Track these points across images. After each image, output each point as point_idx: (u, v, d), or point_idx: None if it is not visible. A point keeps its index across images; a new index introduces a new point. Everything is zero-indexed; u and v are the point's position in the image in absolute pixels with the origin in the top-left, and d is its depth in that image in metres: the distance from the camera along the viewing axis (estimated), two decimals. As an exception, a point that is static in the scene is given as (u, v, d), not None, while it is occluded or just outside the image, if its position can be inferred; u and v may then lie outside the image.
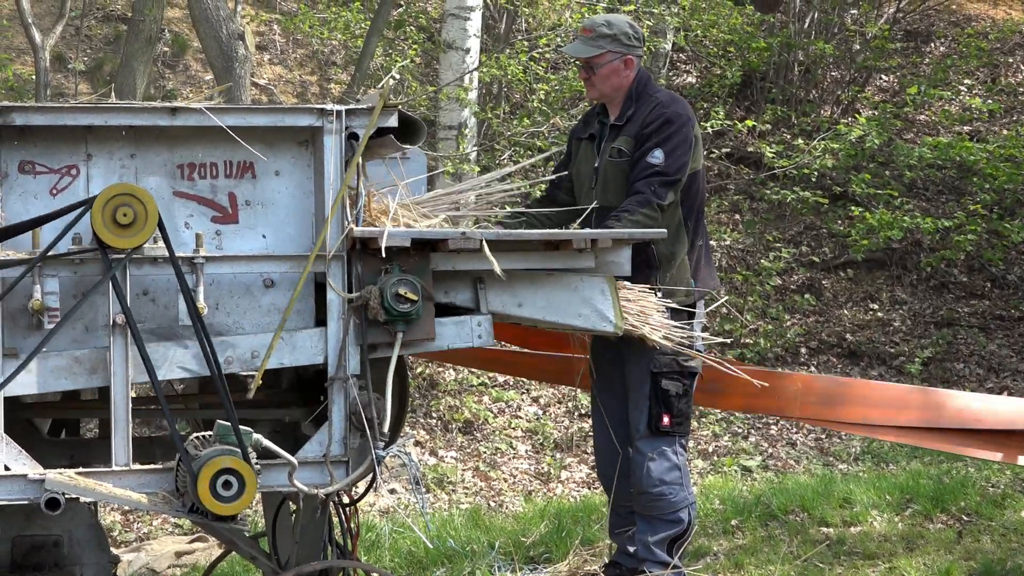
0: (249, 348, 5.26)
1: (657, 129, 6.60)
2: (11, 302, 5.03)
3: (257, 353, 5.25)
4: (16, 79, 14.69)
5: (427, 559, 8.31)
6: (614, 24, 6.78)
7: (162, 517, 10.14)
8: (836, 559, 8.06)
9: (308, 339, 5.31)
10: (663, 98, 6.75)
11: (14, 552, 5.77)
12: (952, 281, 14.99)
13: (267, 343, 5.23)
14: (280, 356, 5.27)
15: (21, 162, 5.20)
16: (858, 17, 17.65)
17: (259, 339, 5.27)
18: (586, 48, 6.75)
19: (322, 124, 5.29)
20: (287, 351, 5.29)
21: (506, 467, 11.47)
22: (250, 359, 5.26)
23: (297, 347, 5.30)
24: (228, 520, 4.99)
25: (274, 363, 5.25)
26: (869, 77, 17.60)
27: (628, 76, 6.74)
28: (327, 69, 16.66)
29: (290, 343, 5.28)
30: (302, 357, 5.31)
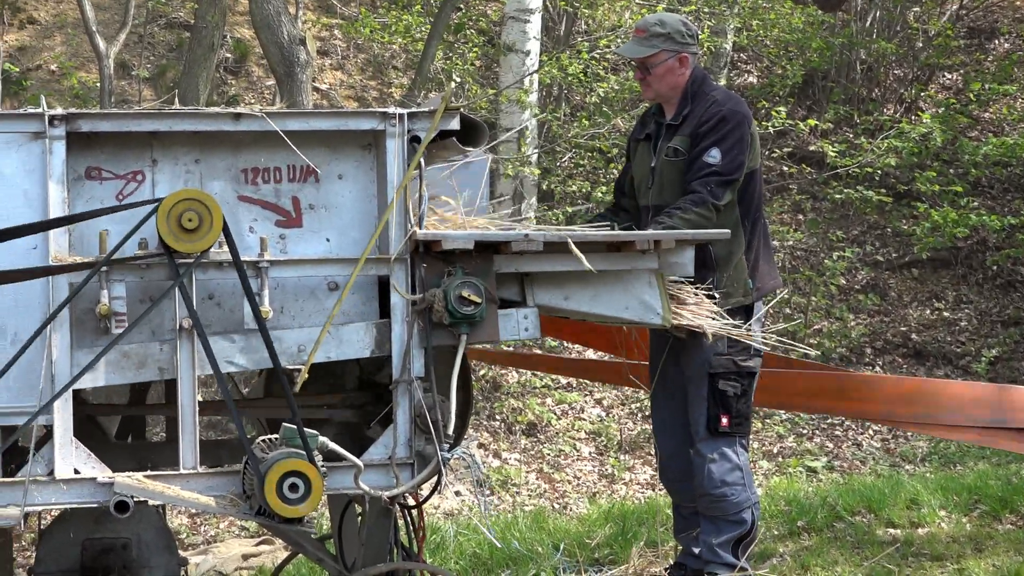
0: (296, 342, 5.27)
1: (713, 128, 6.56)
2: (78, 306, 5.08)
3: (304, 347, 5.27)
4: (81, 86, 14.83)
5: (492, 561, 8.31)
6: (667, 23, 6.75)
7: (228, 520, 10.21)
8: (904, 560, 8.00)
9: (355, 332, 5.33)
10: (719, 96, 6.71)
11: (84, 555, 5.83)
12: (1019, 279, 14.85)
13: (313, 337, 5.25)
14: (327, 350, 5.29)
15: (88, 168, 5.25)
16: (921, 14, 17.52)
17: (305, 333, 5.29)
18: (640, 48, 6.72)
19: (385, 128, 5.31)
20: (334, 345, 5.30)
21: (570, 469, 11.46)
22: (296, 353, 5.28)
23: (344, 340, 5.31)
24: (295, 523, 5.01)
25: (321, 357, 5.26)
26: (932, 75, 17.48)
27: (684, 74, 6.71)
28: (387, 73, 16.71)
29: (337, 336, 5.29)
30: (349, 351, 5.33)
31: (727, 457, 6.54)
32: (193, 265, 5.02)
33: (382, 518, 5.67)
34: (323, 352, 5.27)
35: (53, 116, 5.08)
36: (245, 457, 5.10)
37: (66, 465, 5.10)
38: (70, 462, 5.10)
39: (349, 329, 5.31)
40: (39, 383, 5.05)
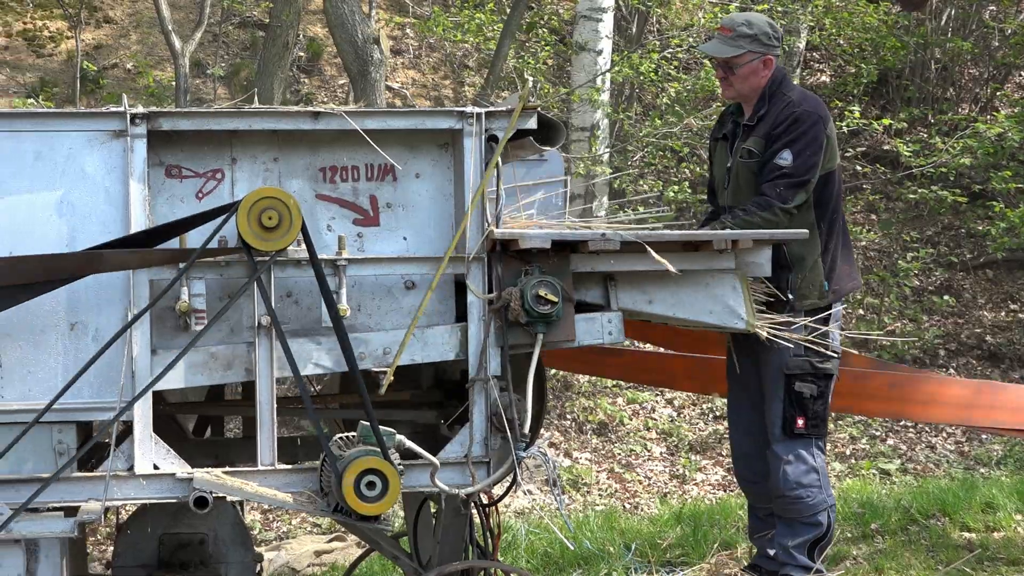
0: (381, 344, 5.30)
1: (786, 129, 6.51)
2: (158, 303, 5.12)
3: (389, 349, 5.29)
4: (156, 85, 14.96)
5: (563, 560, 8.31)
6: (754, 23, 6.70)
7: (301, 516, 10.26)
8: (979, 565, 7.92)
9: (440, 335, 5.35)
10: (795, 97, 6.65)
11: (161, 550, 5.89)
12: (1095, 280, 14.70)
13: (399, 340, 5.27)
14: (412, 352, 5.31)
15: (168, 166, 5.30)
16: (996, 13, 17.34)
17: (390, 336, 5.31)
18: (725, 48, 6.67)
19: (462, 127, 5.32)
20: (419, 347, 5.32)
21: (641, 469, 11.44)
22: (382, 355, 5.30)
23: (429, 343, 5.33)
24: (372, 520, 5.04)
25: (406, 359, 5.29)
26: (1008, 74, 17.29)
27: (766, 76, 6.66)
28: (460, 72, 16.75)
29: (421, 339, 5.31)
30: (433, 353, 5.35)
31: (803, 459, 6.50)
32: (271, 262, 5.05)
33: (457, 516, 5.68)
34: (408, 355, 5.29)
35: (135, 115, 5.14)
36: (322, 454, 5.12)
37: (146, 461, 5.15)
38: (149, 458, 5.15)
39: (434, 332, 5.33)
40: (119, 379, 5.10)
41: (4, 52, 15.58)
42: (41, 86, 15.00)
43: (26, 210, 5.11)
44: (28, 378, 5.12)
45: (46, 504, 5.07)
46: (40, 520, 4.99)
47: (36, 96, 14.37)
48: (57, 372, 5.11)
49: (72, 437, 5.16)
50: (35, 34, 15.86)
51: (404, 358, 5.27)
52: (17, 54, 15.58)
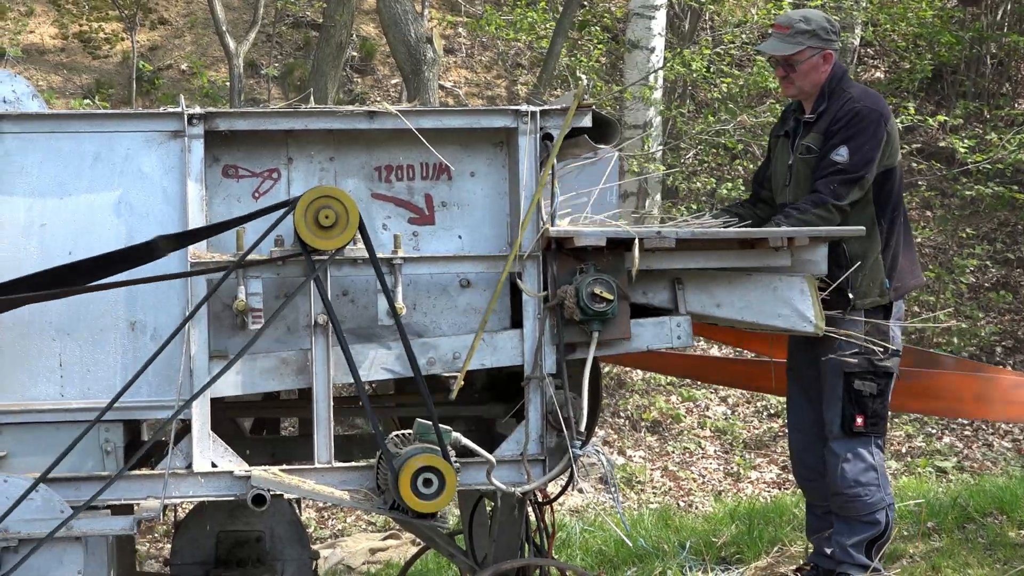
0: (451, 349, 5.32)
1: (845, 125, 6.46)
2: (215, 303, 5.17)
3: (458, 354, 5.31)
4: (211, 85, 15.05)
5: (618, 558, 8.30)
6: (811, 19, 6.66)
7: (356, 514, 10.30)
8: (1038, 563, 7.87)
9: (508, 340, 5.35)
10: (855, 93, 6.61)
11: (218, 547, 5.93)
12: None
13: (467, 344, 5.28)
14: (481, 357, 5.32)
15: (225, 166, 5.34)
16: (1054, 7, 17.20)
17: (460, 340, 5.32)
18: (784, 45, 6.63)
19: (517, 125, 5.33)
20: (488, 352, 5.33)
21: (695, 467, 11.42)
22: (451, 360, 5.32)
23: (498, 348, 5.34)
24: (428, 518, 5.05)
25: (475, 364, 5.30)
26: (1066, 69, 17.16)
27: (826, 71, 6.61)
28: (512, 71, 16.76)
29: (491, 344, 5.32)
30: (503, 358, 5.36)
31: (861, 457, 6.46)
32: (328, 261, 5.07)
33: (513, 514, 5.69)
34: (477, 359, 5.31)
35: (192, 115, 5.17)
36: (379, 452, 5.14)
37: (204, 459, 5.18)
38: (208, 456, 5.19)
39: (503, 336, 5.35)
40: (177, 378, 5.14)
41: (61, 54, 15.72)
42: (97, 87, 15.13)
43: (85, 211, 5.16)
44: (87, 377, 5.16)
45: (104, 502, 5.12)
46: (100, 518, 5.03)
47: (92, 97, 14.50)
48: (116, 371, 5.15)
49: (119, 436, 5.21)
50: (91, 36, 15.99)
51: (474, 363, 5.29)
52: (73, 56, 15.71)
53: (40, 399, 5.15)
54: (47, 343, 5.15)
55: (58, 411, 5.14)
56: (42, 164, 5.16)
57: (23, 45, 15.46)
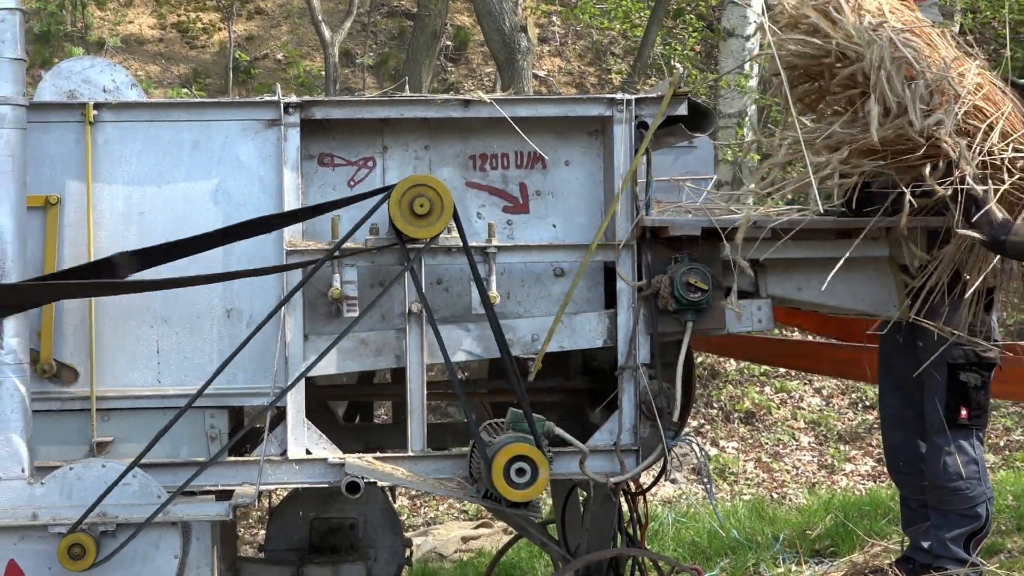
0: (529, 331, 5.30)
1: None
2: (310, 291, 5.19)
3: (537, 336, 5.29)
4: (306, 74, 15.15)
5: (710, 549, 8.27)
6: None
7: (448, 502, 10.33)
8: None
9: (587, 322, 5.33)
10: None
11: (312, 534, 5.97)
12: None
13: (547, 326, 5.27)
14: (560, 339, 5.30)
15: (320, 154, 5.36)
16: None
17: (539, 322, 5.31)
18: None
19: (612, 114, 5.31)
20: (567, 334, 5.32)
21: (789, 458, 11.34)
22: (530, 342, 5.31)
23: (576, 330, 5.32)
24: (521, 507, 5.05)
25: (554, 346, 5.29)
26: None
27: None
28: (605, 59, 16.71)
29: (569, 326, 5.30)
30: (581, 340, 5.34)
31: (964, 450, 6.34)
32: (423, 250, 5.08)
33: (606, 504, 5.67)
34: (556, 342, 5.30)
35: (288, 104, 5.21)
36: (472, 441, 5.14)
37: (298, 446, 5.21)
38: (302, 443, 5.22)
39: (582, 319, 5.33)
40: (273, 365, 5.18)
41: (159, 44, 15.89)
42: (194, 77, 15.28)
43: (183, 199, 5.21)
44: (184, 363, 5.22)
45: (201, 488, 5.16)
46: (196, 503, 5.08)
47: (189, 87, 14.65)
48: (212, 358, 5.20)
49: (224, 422, 5.26)
50: (188, 26, 16.15)
51: (552, 345, 5.27)
52: (171, 46, 15.88)
53: (139, 385, 5.20)
54: (145, 330, 5.21)
55: (156, 397, 5.20)
56: (141, 153, 5.22)
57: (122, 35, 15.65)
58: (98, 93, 5.34)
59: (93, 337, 5.19)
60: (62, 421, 5.21)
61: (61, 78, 5.40)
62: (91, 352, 5.19)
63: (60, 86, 5.38)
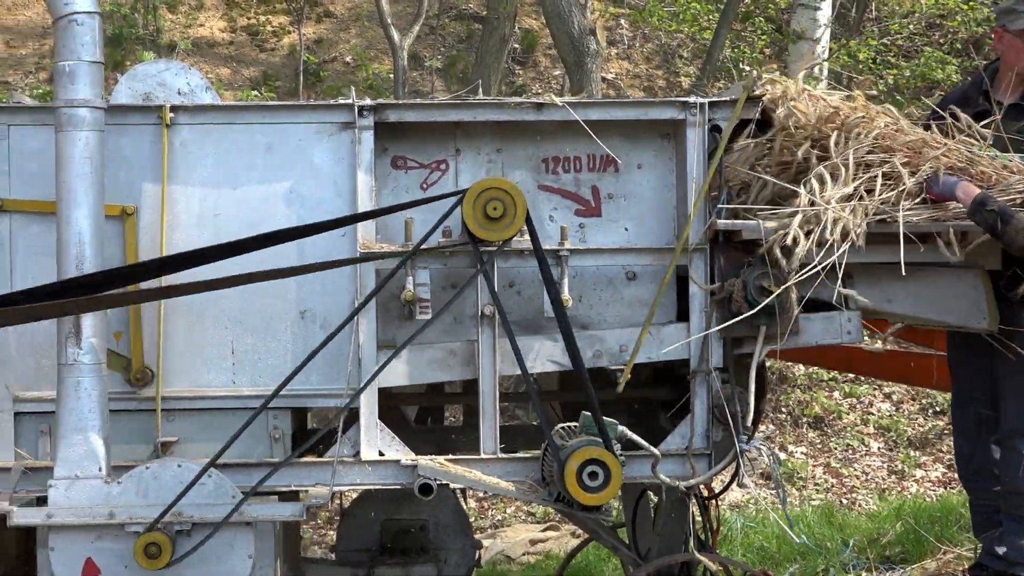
0: (617, 342, 5.30)
1: None
2: (383, 294, 5.21)
3: (625, 347, 5.29)
4: (375, 77, 15.20)
5: (780, 555, 8.23)
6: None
7: (516, 504, 10.34)
8: None
9: (676, 334, 5.32)
10: None
11: (383, 535, 5.99)
12: None
13: (634, 337, 5.26)
14: (648, 351, 5.30)
15: (393, 157, 5.39)
16: None
17: (626, 333, 5.30)
18: None
19: (685, 117, 5.30)
20: (655, 346, 5.31)
21: (858, 464, 11.26)
22: (618, 353, 5.31)
23: (665, 342, 5.31)
24: (593, 510, 5.04)
25: (642, 358, 5.28)
26: None
27: None
28: (673, 62, 16.66)
29: (657, 337, 5.30)
30: (670, 352, 5.33)
31: (1041, 454, 6.26)
32: (496, 253, 5.09)
33: (678, 508, 5.66)
34: (644, 353, 5.30)
35: (362, 106, 5.23)
36: (544, 444, 5.14)
37: (371, 447, 5.24)
38: (375, 445, 5.24)
39: (669, 330, 5.32)
40: (345, 367, 5.20)
41: (229, 47, 16.00)
42: (264, 80, 15.37)
43: (258, 201, 5.25)
44: (258, 364, 5.25)
45: (273, 488, 5.19)
46: (270, 504, 5.11)
47: (259, 89, 14.74)
48: (286, 359, 5.23)
49: (288, 423, 5.29)
50: (258, 29, 16.25)
51: (640, 357, 5.27)
52: (241, 49, 15.98)
53: (212, 386, 5.25)
54: (220, 331, 5.25)
55: (229, 398, 5.24)
56: (216, 155, 5.26)
57: (193, 38, 15.77)
58: (173, 96, 5.40)
59: (161, 338, 5.23)
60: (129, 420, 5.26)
61: (137, 81, 5.46)
62: (159, 353, 5.24)
63: (136, 89, 5.44)
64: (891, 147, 5.26)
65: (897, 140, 5.30)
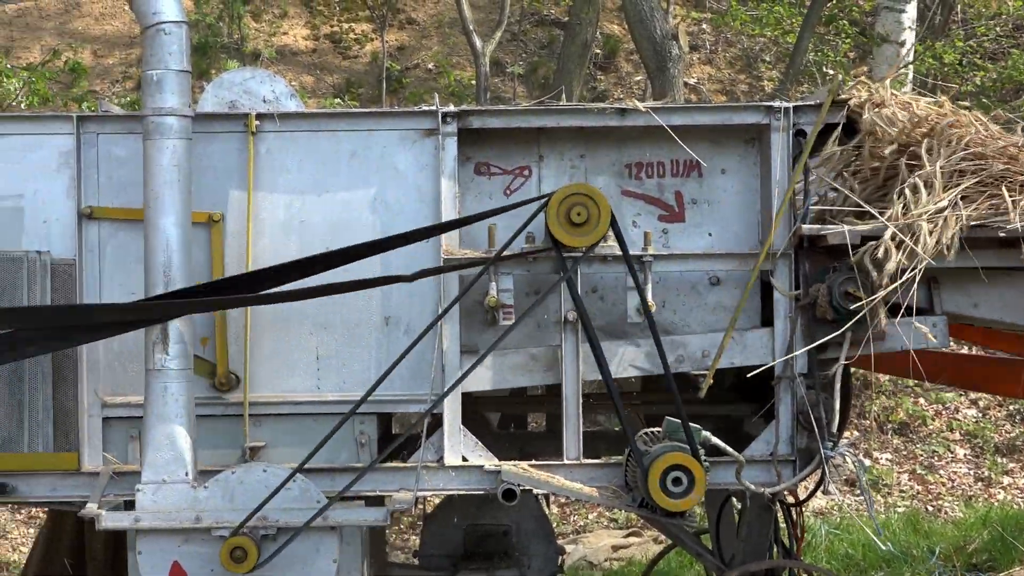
0: (699, 347, 5.28)
1: None
2: (466, 299, 5.22)
3: (707, 352, 5.27)
4: (457, 84, 15.25)
5: (865, 562, 8.18)
6: None
7: (598, 510, 10.33)
8: None
9: (758, 339, 5.30)
10: None
11: (466, 540, 6.00)
12: None
13: (716, 342, 5.24)
14: (731, 356, 5.28)
15: (477, 164, 5.40)
16: None
17: (708, 338, 5.29)
18: None
19: (769, 121, 5.27)
20: (737, 351, 5.28)
21: (944, 471, 11.15)
22: (700, 358, 5.29)
23: (747, 347, 5.29)
24: (677, 516, 5.02)
25: (725, 363, 5.26)
26: None
27: None
28: (756, 66, 16.59)
29: (740, 343, 5.28)
30: (752, 357, 5.30)
31: None
32: (581, 259, 5.09)
33: (762, 514, 5.63)
34: (727, 358, 5.27)
35: (446, 113, 5.25)
36: (627, 449, 5.14)
37: (455, 453, 5.25)
38: (459, 450, 5.25)
39: (753, 335, 5.30)
40: (429, 372, 5.22)
41: (312, 55, 16.11)
42: (347, 87, 15.47)
43: (342, 207, 5.28)
44: (343, 370, 5.28)
45: (357, 493, 5.22)
46: (354, 508, 5.14)
47: (342, 96, 14.84)
48: (370, 365, 5.26)
49: (374, 428, 5.32)
50: (341, 36, 16.36)
51: (723, 361, 5.25)
52: (324, 56, 16.09)
53: (298, 391, 5.28)
54: (305, 337, 5.29)
55: (315, 403, 5.27)
56: (301, 162, 5.30)
57: (277, 46, 15.90)
58: (258, 104, 5.45)
59: (248, 344, 5.28)
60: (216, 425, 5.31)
61: (223, 89, 5.52)
62: (245, 359, 5.29)
63: (221, 97, 5.49)
64: (984, 154, 5.20)
65: (989, 146, 5.23)
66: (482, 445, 5.29)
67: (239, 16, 15.64)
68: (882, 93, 5.32)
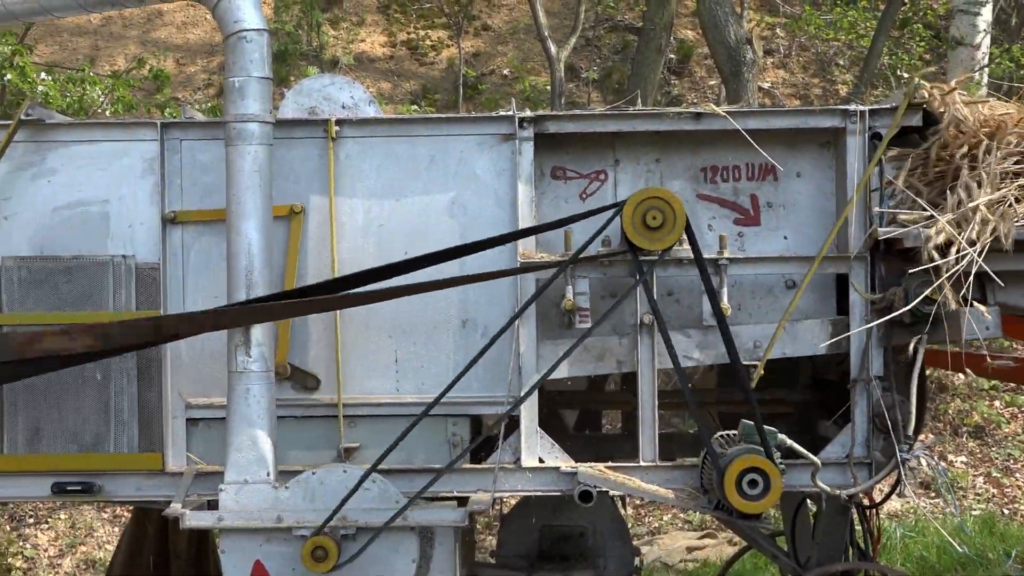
0: (751, 338, 5.30)
1: None
2: (543, 302, 5.27)
3: (759, 343, 5.29)
4: (532, 89, 15.32)
5: (940, 565, 8.15)
6: None
7: (673, 512, 10.35)
8: None
9: (808, 329, 5.31)
10: None
11: (542, 541, 6.05)
12: None
13: (769, 333, 5.26)
14: (782, 346, 5.29)
15: (553, 168, 5.45)
16: None
17: (760, 329, 5.30)
18: None
19: (845, 125, 5.28)
20: (788, 341, 5.29)
21: (1020, 474, 11.07)
22: (752, 348, 5.30)
23: (798, 337, 5.30)
24: (753, 518, 5.04)
25: (776, 353, 5.26)
26: None
27: None
28: (830, 70, 16.54)
29: (791, 333, 5.28)
30: (803, 347, 5.31)
31: None
32: (656, 262, 5.12)
33: (838, 517, 5.64)
34: (778, 348, 5.28)
35: (523, 118, 5.31)
36: (703, 451, 5.16)
37: (531, 454, 5.30)
38: (535, 451, 5.31)
39: (804, 326, 5.31)
40: (507, 374, 5.28)
41: (389, 61, 16.24)
42: (423, 93, 15.57)
43: (420, 212, 5.35)
44: (421, 372, 5.35)
45: (437, 494, 5.28)
46: (434, 509, 5.19)
47: (419, 103, 14.94)
48: (448, 367, 5.32)
49: (466, 430, 5.38)
50: (418, 43, 16.47)
51: (775, 351, 5.26)
52: (401, 63, 16.21)
53: (378, 393, 5.36)
54: (384, 340, 5.36)
55: (394, 405, 5.34)
56: (380, 167, 5.38)
57: (355, 53, 16.04)
58: (337, 110, 5.52)
59: (339, 345, 5.36)
60: (308, 427, 5.39)
61: (303, 96, 5.59)
62: (337, 360, 5.37)
63: (302, 103, 5.57)
64: None
65: None
66: (559, 447, 5.33)
67: (318, 24, 15.80)
68: (957, 96, 5.32)
